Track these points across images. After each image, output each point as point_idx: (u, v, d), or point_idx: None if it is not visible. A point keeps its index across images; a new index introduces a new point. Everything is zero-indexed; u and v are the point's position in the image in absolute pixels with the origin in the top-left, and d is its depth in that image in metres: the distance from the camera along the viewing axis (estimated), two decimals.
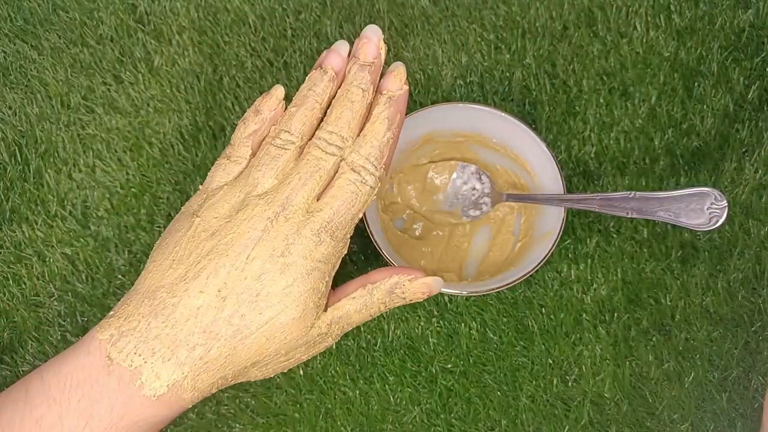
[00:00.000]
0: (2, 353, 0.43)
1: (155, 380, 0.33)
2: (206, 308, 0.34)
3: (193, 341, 0.34)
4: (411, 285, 0.37)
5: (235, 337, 0.34)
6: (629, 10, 0.48)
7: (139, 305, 0.34)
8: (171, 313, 0.34)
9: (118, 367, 0.33)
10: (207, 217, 0.36)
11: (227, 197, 0.36)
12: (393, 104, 0.37)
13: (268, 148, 0.37)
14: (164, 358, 0.33)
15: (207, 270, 0.34)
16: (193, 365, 0.34)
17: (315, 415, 0.42)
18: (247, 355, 0.34)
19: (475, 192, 0.45)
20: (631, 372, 0.43)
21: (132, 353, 0.33)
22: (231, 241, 0.35)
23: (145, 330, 0.33)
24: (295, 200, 0.35)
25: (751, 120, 0.46)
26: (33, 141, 0.47)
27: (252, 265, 0.34)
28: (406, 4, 0.49)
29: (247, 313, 0.34)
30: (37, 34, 0.49)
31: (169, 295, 0.34)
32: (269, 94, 0.38)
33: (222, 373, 0.34)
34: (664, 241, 0.44)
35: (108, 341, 0.33)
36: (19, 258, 0.45)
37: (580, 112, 0.47)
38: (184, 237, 0.36)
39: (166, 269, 0.35)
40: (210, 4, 0.50)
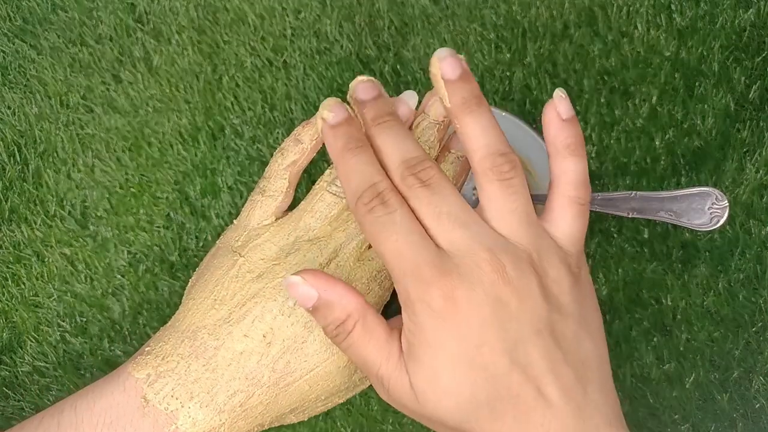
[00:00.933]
0: (1, 353, 0.43)
1: (191, 426, 0.32)
2: (250, 353, 0.33)
3: (234, 387, 0.33)
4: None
5: (277, 384, 0.33)
6: (630, 9, 0.48)
7: (178, 345, 0.33)
8: (212, 357, 0.33)
9: (153, 410, 0.32)
10: (253, 258, 0.35)
11: (275, 239, 0.35)
12: (460, 164, 0.36)
13: (323, 194, 0.35)
14: (202, 404, 0.32)
15: (253, 313, 0.33)
16: (232, 412, 0.33)
17: (314, 416, 0.42)
18: (288, 402, 0.34)
19: (476, 192, 0.45)
20: (631, 372, 0.43)
21: (169, 396, 0.32)
22: (279, 285, 0.33)
23: (185, 372, 0.32)
24: (348, 248, 0.34)
25: (752, 120, 0.46)
26: (32, 141, 0.47)
27: (299, 312, 0.33)
28: (406, 3, 0.49)
29: (292, 360, 0.33)
30: (36, 33, 0.49)
31: (212, 337, 0.33)
32: (310, 122, 0.37)
33: (260, 420, 0.34)
34: (665, 241, 0.44)
35: (144, 381, 0.32)
36: (18, 258, 0.45)
37: (580, 111, 0.47)
38: (227, 276, 0.34)
39: (208, 309, 0.34)
40: (209, 3, 0.50)
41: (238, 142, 0.47)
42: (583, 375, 0.30)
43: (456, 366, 0.29)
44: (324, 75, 0.47)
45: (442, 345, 0.29)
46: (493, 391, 0.29)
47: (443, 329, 0.29)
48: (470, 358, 0.29)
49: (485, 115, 0.33)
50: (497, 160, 0.31)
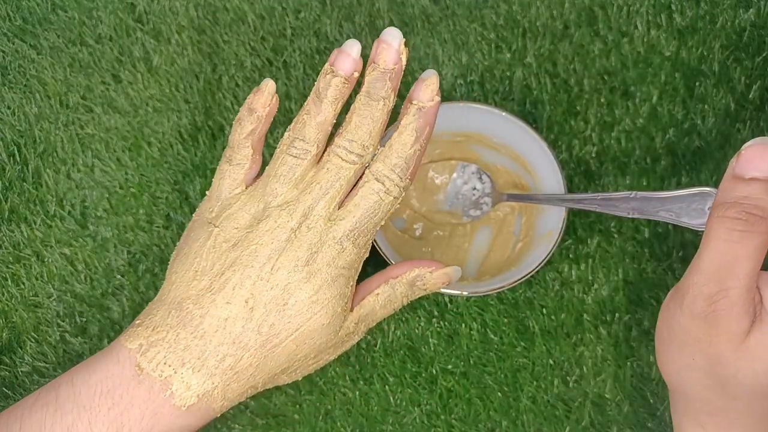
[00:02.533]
0: (1, 354, 0.43)
1: (185, 390, 0.33)
2: (234, 319, 0.34)
3: (222, 351, 0.34)
4: (432, 276, 0.38)
5: (264, 346, 0.34)
6: (630, 9, 0.48)
7: (166, 316, 0.34)
8: (199, 324, 0.34)
9: (148, 377, 0.33)
10: (226, 227, 0.36)
11: (246, 207, 0.36)
12: (423, 116, 0.35)
13: (285, 158, 0.36)
14: (194, 369, 0.33)
15: (232, 281, 0.34)
16: (224, 375, 0.34)
17: (315, 416, 0.42)
18: (277, 362, 0.35)
19: (476, 192, 0.45)
20: (632, 373, 0.42)
21: (162, 363, 0.33)
22: (254, 251, 0.34)
23: (174, 341, 0.34)
24: (316, 209, 0.35)
25: (752, 119, 0.46)
26: (32, 141, 0.47)
27: (277, 275, 0.34)
28: (406, 3, 0.49)
29: (276, 322, 0.34)
30: (35, 33, 0.49)
31: (196, 306, 0.34)
32: (260, 90, 0.37)
33: (252, 382, 0.35)
34: (665, 241, 0.44)
35: (137, 351, 0.33)
36: (18, 258, 0.45)
37: (581, 111, 0.47)
38: (204, 247, 0.35)
39: (190, 280, 0.35)
40: (209, 3, 0.49)
41: None
42: None
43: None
44: None
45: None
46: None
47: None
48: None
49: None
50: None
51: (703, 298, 0.32)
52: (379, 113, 0.35)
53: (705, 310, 0.32)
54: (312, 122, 0.36)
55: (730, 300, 0.31)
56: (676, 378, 0.35)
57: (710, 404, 0.34)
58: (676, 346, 0.34)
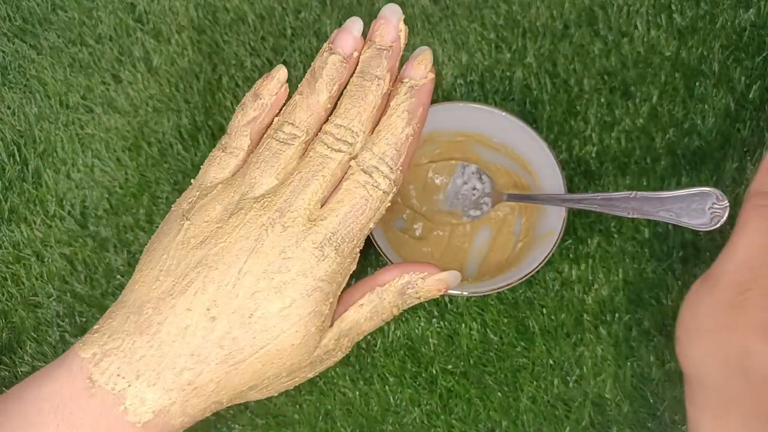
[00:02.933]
0: (1, 353, 0.43)
1: (140, 406, 0.30)
2: (194, 328, 0.30)
3: (180, 364, 0.30)
4: (424, 283, 0.34)
5: (226, 362, 0.30)
6: (630, 9, 0.48)
7: (124, 321, 0.31)
8: (156, 332, 0.30)
9: (100, 390, 0.30)
10: (197, 220, 0.32)
11: (220, 197, 0.32)
12: (415, 94, 0.32)
13: (269, 142, 0.32)
14: (149, 382, 0.30)
15: (195, 285, 0.30)
16: (182, 391, 0.30)
17: (315, 416, 0.42)
18: (242, 380, 0.31)
19: (476, 192, 0.45)
20: (632, 373, 0.42)
21: (115, 375, 0.30)
22: (221, 251, 0.30)
23: (129, 350, 0.30)
24: (294, 205, 0.31)
25: (752, 119, 0.46)
26: (32, 141, 0.47)
27: (244, 281, 0.30)
28: (406, 3, 0.49)
29: (240, 336, 0.30)
30: (35, 33, 0.49)
31: (155, 311, 0.30)
32: (270, 75, 0.34)
33: (215, 398, 0.31)
34: (665, 241, 0.44)
35: (90, 360, 0.30)
36: (18, 258, 0.45)
37: (581, 111, 0.47)
38: (173, 243, 0.32)
39: (153, 281, 0.31)
40: (209, 3, 0.49)
41: None
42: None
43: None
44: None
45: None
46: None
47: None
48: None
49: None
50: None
51: (735, 286, 0.31)
52: (372, 96, 0.32)
53: (736, 297, 0.31)
54: (304, 104, 0.32)
55: (761, 289, 0.31)
56: (697, 366, 0.33)
57: (731, 393, 0.32)
58: (701, 334, 0.33)
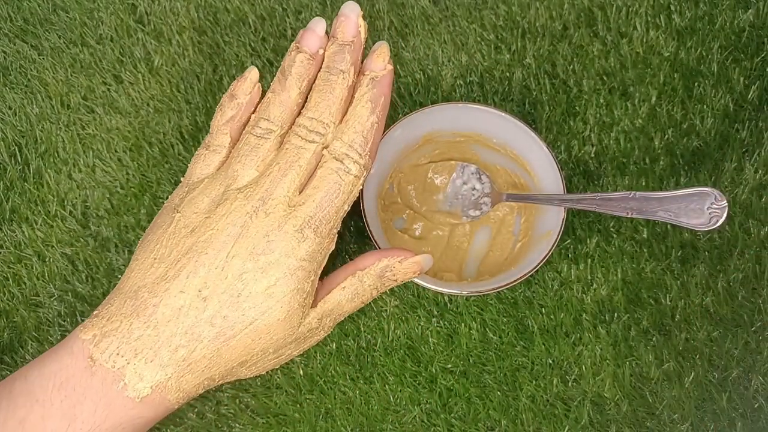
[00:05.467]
0: (2, 353, 0.43)
1: (138, 381, 0.32)
2: (187, 309, 0.33)
3: (175, 342, 0.33)
4: (401, 266, 0.37)
5: (218, 338, 0.33)
6: (629, 10, 0.48)
7: (122, 305, 0.34)
8: (152, 314, 0.33)
9: (101, 368, 0.32)
10: (187, 212, 0.35)
11: (207, 191, 0.35)
12: (376, 85, 0.35)
13: (248, 137, 0.35)
14: (147, 360, 0.33)
15: (187, 269, 0.33)
16: (177, 366, 0.33)
17: (315, 415, 0.42)
18: (233, 356, 0.34)
19: (475, 192, 0.45)
20: (631, 372, 0.43)
21: (114, 354, 0.32)
22: (210, 238, 0.33)
23: (127, 331, 0.33)
24: (275, 193, 0.34)
25: (751, 120, 0.46)
26: (33, 141, 0.47)
27: (232, 264, 0.33)
28: (406, 4, 0.49)
29: (230, 314, 0.33)
30: (37, 34, 0.49)
31: (151, 294, 0.33)
32: (243, 77, 0.37)
33: (208, 374, 0.34)
34: (664, 241, 0.44)
35: (90, 341, 0.33)
36: (19, 258, 0.45)
37: (580, 112, 0.47)
38: (165, 234, 0.35)
39: (148, 268, 0.34)
40: (210, 4, 0.50)
41: None
42: None
43: None
44: None
45: None
46: None
47: None
48: None
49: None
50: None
51: None
52: (339, 88, 0.34)
53: None
54: (276, 100, 0.35)
55: None
56: None
57: None
58: None
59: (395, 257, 0.36)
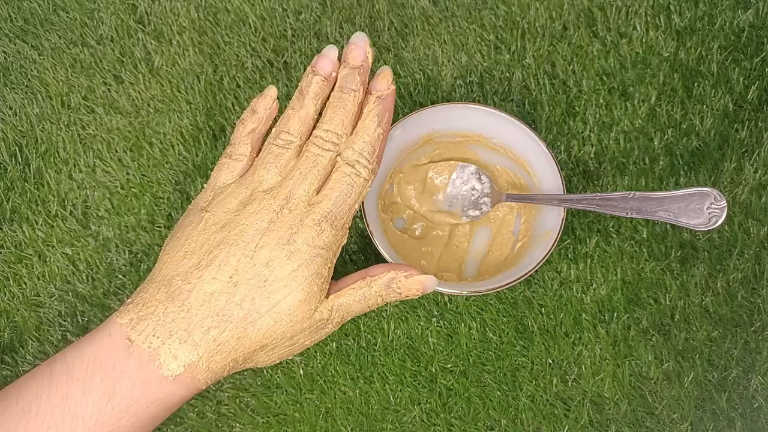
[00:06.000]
0: (3, 353, 0.43)
1: (172, 361, 0.35)
2: (219, 293, 0.36)
3: (207, 324, 0.36)
4: (406, 281, 0.39)
5: (245, 319, 0.36)
6: (629, 10, 0.48)
7: (156, 292, 0.37)
8: (186, 299, 0.36)
9: (137, 349, 0.35)
10: (217, 212, 0.38)
11: (235, 193, 0.39)
12: (382, 102, 0.39)
13: (271, 147, 0.39)
14: (180, 340, 0.35)
15: (219, 258, 0.37)
16: (207, 347, 0.36)
17: (315, 414, 0.42)
18: (257, 337, 0.37)
19: (475, 192, 0.45)
20: (630, 372, 0.43)
21: (150, 335, 0.35)
22: (240, 232, 0.37)
23: (162, 314, 0.36)
24: (297, 193, 0.38)
25: (750, 120, 0.46)
26: (33, 141, 0.47)
27: (260, 253, 0.37)
28: (406, 5, 0.49)
29: (257, 297, 0.36)
30: (37, 34, 0.49)
31: (184, 282, 0.37)
32: (263, 95, 0.41)
33: (233, 356, 0.37)
34: (663, 241, 0.44)
35: (128, 325, 0.36)
36: (20, 258, 0.45)
37: (579, 112, 0.47)
38: (195, 230, 0.38)
39: (180, 259, 0.37)
40: (210, 4, 0.50)
41: None
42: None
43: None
44: None
45: None
46: None
47: None
48: None
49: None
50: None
51: None
52: (350, 104, 0.39)
53: None
54: (296, 116, 0.40)
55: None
56: None
57: None
58: None
59: (403, 272, 0.39)
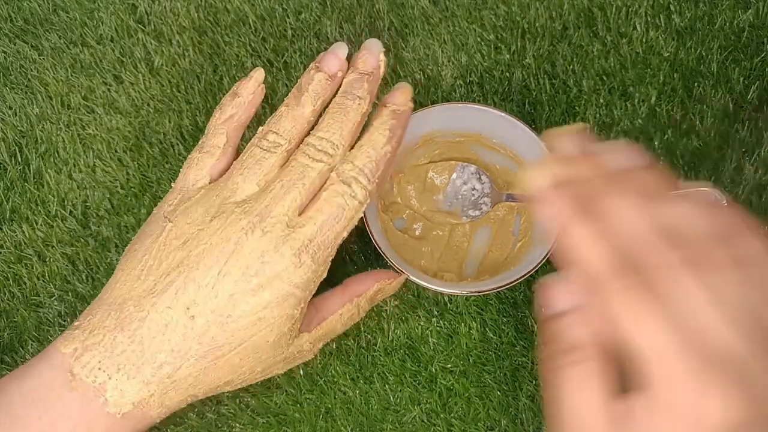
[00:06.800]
0: (2, 353, 0.43)
1: (120, 397, 0.31)
2: (174, 325, 0.32)
3: (160, 359, 0.32)
4: (390, 287, 0.38)
5: (205, 357, 0.32)
6: (629, 10, 0.48)
7: (105, 317, 0.32)
8: (137, 329, 0.32)
9: (81, 383, 0.31)
10: (180, 222, 0.33)
11: (203, 201, 0.33)
12: (397, 117, 0.35)
13: (253, 149, 0.34)
14: (129, 375, 0.31)
15: (176, 284, 0.32)
16: (160, 383, 0.32)
17: (315, 414, 0.42)
18: (219, 374, 0.33)
19: (475, 192, 0.45)
20: None
21: (96, 368, 0.31)
22: (203, 252, 0.32)
23: (111, 345, 0.32)
24: (274, 211, 0.32)
25: (751, 120, 0.46)
26: (33, 141, 0.47)
27: (223, 283, 0.32)
28: (406, 5, 0.49)
29: (218, 335, 0.32)
30: (37, 34, 0.49)
31: (137, 309, 0.32)
32: (248, 76, 0.36)
33: (192, 392, 0.33)
34: None
35: (71, 355, 0.32)
36: (20, 258, 0.45)
37: (579, 112, 0.47)
38: (155, 244, 0.33)
39: (135, 280, 0.33)
40: (210, 4, 0.50)
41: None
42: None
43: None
44: None
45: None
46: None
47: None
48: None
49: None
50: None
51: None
52: (353, 113, 0.34)
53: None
54: (289, 115, 0.34)
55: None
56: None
57: None
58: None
59: (386, 280, 0.37)
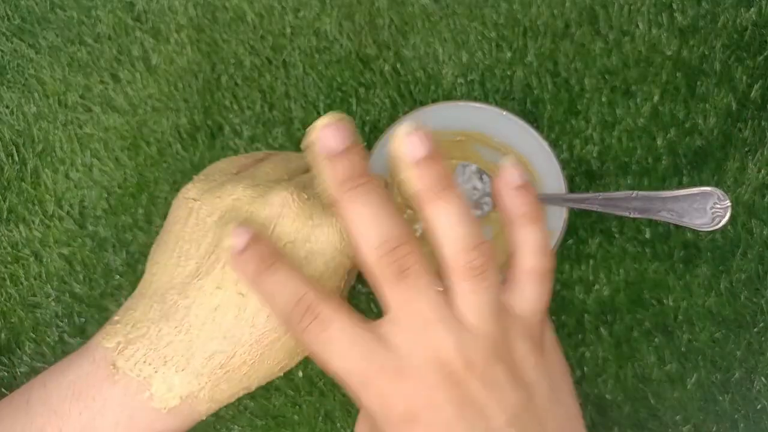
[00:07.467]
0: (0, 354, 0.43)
1: (167, 391, 0.29)
2: (225, 308, 0.29)
3: (211, 348, 0.29)
4: None
5: (260, 342, 0.29)
6: (631, 8, 0.48)
7: (148, 310, 0.30)
8: (184, 317, 0.29)
9: (124, 377, 0.30)
10: (208, 199, 0.31)
11: (232, 179, 0.32)
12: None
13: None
14: (178, 368, 0.29)
15: (222, 260, 0.29)
16: (212, 375, 0.30)
17: (314, 417, 0.42)
18: (276, 360, 0.30)
19: (476, 192, 0.45)
20: (633, 373, 0.42)
21: (141, 362, 0.29)
22: (247, 221, 0.30)
23: (156, 337, 0.30)
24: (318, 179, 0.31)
25: (754, 119, 0.46)
26: (30, 140, 0.47)
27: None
28: (407, 2, 0.49)
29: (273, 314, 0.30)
30: (34, 32, 0.49)
31: (181, 296, 0.30)
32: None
33: (246, 383, 0.31)
34: (666, 242, 0.44)
35: (114, 349, 0.30)
36: (17, 258, 0.44)
37: (582, 111, 0.47)
38: (185, 227, 0.31)
39: (174, 267, 0.30)
40: (208, 1, 0.49)
41: (237, 142, 0.46)
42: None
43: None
44: (323, 74, 0.47)
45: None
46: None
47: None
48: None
49: (455, 202, 0.29)
50: (471, 256, 0.29)
51: None
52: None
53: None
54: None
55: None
56: None
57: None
58: None
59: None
